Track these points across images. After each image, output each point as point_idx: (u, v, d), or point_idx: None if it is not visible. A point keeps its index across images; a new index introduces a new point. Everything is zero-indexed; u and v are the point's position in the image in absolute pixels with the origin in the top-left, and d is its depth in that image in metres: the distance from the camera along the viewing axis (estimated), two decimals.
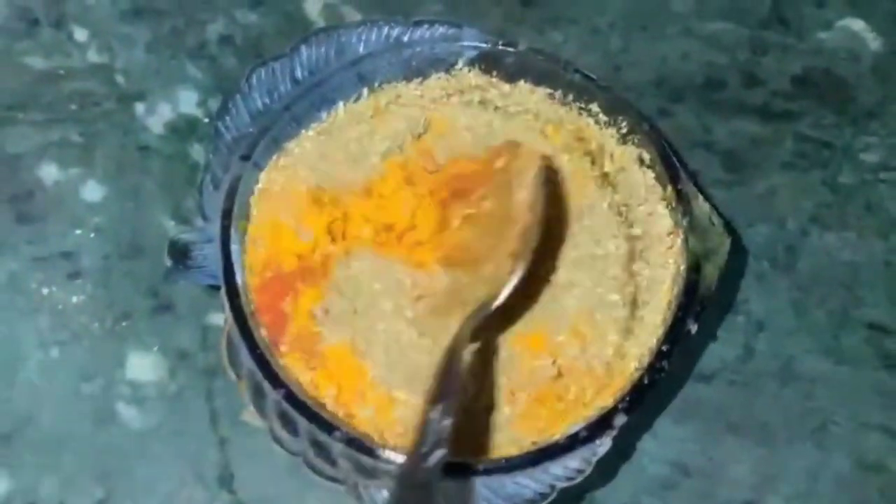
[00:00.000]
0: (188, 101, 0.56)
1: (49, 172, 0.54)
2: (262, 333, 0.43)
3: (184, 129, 0.55)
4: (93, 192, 0.54)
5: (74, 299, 0.51)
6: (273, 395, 0.41)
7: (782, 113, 0.57)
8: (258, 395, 0.41)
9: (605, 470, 0.47)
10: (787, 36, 0.60)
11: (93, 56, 0.57)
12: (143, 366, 0.49)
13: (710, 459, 0.48)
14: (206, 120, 0.56)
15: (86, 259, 0.52)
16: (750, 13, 0.60)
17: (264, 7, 0.59)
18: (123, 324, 0.50)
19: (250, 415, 0.42)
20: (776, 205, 0.55)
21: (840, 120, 0.57)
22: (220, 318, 0.50)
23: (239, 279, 0.44)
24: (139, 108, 0.56)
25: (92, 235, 0.52)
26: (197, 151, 0.55)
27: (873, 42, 0.60)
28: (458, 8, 0.58)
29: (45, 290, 0.51)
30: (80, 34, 0.58)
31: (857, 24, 0.60)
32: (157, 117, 0.56)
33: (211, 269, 0.44)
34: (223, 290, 0.43)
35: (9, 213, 0.53)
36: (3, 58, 0.57)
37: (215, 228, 0.45)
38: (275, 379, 0.41)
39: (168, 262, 0.45)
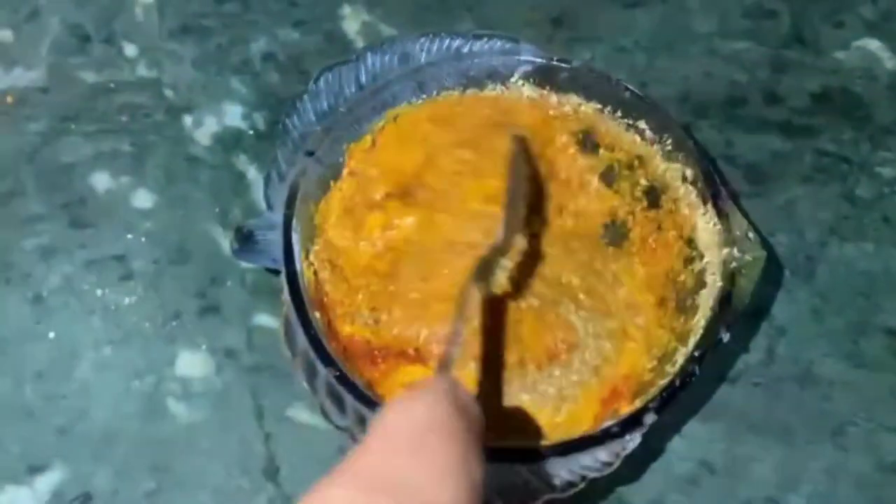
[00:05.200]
0: (233, 115, 0.59)
1: (101, 180, 0.57)
2: (317, 315, 0.46)
3: (229, 141, 0.58)
4: (143, 199, 0.56)
5: (126, 300, 0.53)
6: (324, 373, 0.43)
7: (802, 129, 0.60)
8: (310, 373, 0.44)
9: (635, 466, 0.49)
10: (806, 55, 0.62)
11: (142, 71, 0.60)
12: (191, 363, 0.52)
13: (734, 458, 0.50)
14: (251, 132, 0.58)
15: (137, 262, 0.54)
16: (770, 33, 0.63)
17: (305, 26, 0.62)
18: (173, 324, 0.53)
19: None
20: (796, 216, 0.57)
21: (857, 136, 0.59)
22: (265, 319, 0.52)
23: (297, 264, 0.46)
24: (187, 120, 0.58)
25: (143, 240, 0.55)
26: (242, 162, 0.57)
27: (889, 61, 0.62)
28: (490, 26, 0.60)
29: (98, 292, 0.54)
30: (130, 50, 0.61)
31: (874, 44, 0.62)
32: (204, 129, 0.58)
33: (273, 253, 0.47)
34: (283, 274, 0.46)
35: (63, 218, 0.56)
36: (58, 72, 0.60)
37: (279, 216, 0.47)
38: (327, 358, 0.44)
39: (234, 245, 0.48)
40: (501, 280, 0.49)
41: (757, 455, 0.50)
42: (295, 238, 0.47)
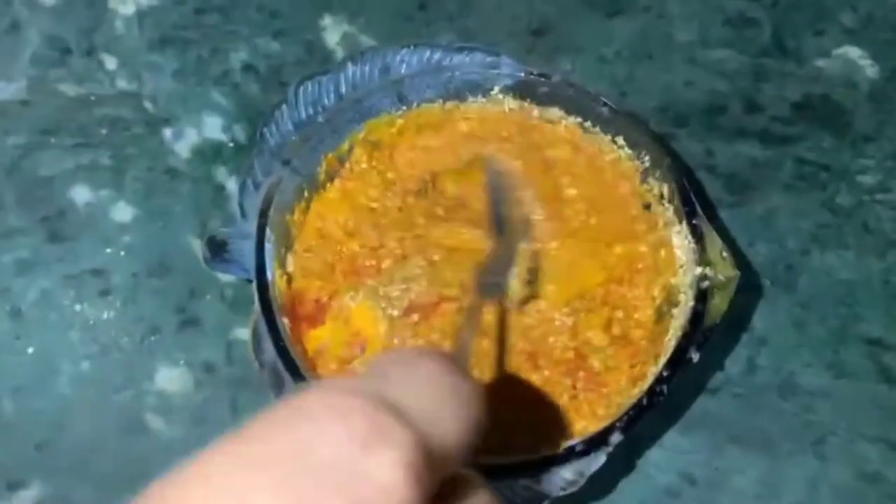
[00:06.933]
0: (213, 127, 0.59)
1: (80, 194, 0.57)
2: (287, 326, 0.45)
3: (209, 153, 0.58)
4: (122, 212, 0.56)
5: (105, 315, 0.53)
6: (292, 385, 0.43)
7: (782, 137, 0.60)
8: (278, 384, 0.44)
9: (615, 479, 0.49)
10: (786, 63, 0.62)
11: (122, 83, 0.60)
12: (170, 378, 0.52)
13: (715, 469, 0.50)
14: (231, 144, 0.58)
15: (116, 277, 0.54)
16: (751, 42, 0.63)
17: (285, 37, 0.62)
18: (152, 338, 0.53)
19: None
20: (777, 225, 0.57)
21: (838, 144, 0.59)
22: (244, 332, 0.52)
23: (269, 274, 0.46)
24: (167, 133, 0.58)
25: (122, 254, 0.55)
26: (222, 174, 0.57)
27: (870, 69, 0.62)
28: (471, 37, 0.61)
29: (77, 307, 0.53)
30: (110, 62, 0.61)
31: (854, 52, 0.63)
32: (183, 142, 0.58)
33: (245, 263, 0.47)
34: (254, 283, 0.46)
35: (42, 232, 0.55)
36: (37, 85, 0.60)
37: (252, 226, 0.47)
38: (295, 370, 0.44)
39: (206, 254, 0.48)
40: (516, 288, 0.48)
41: (738, 466, 0.50)
42: (268, 247, 0.47)
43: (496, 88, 0.53)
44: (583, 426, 0.46)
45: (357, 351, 0.48)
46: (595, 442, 0.43)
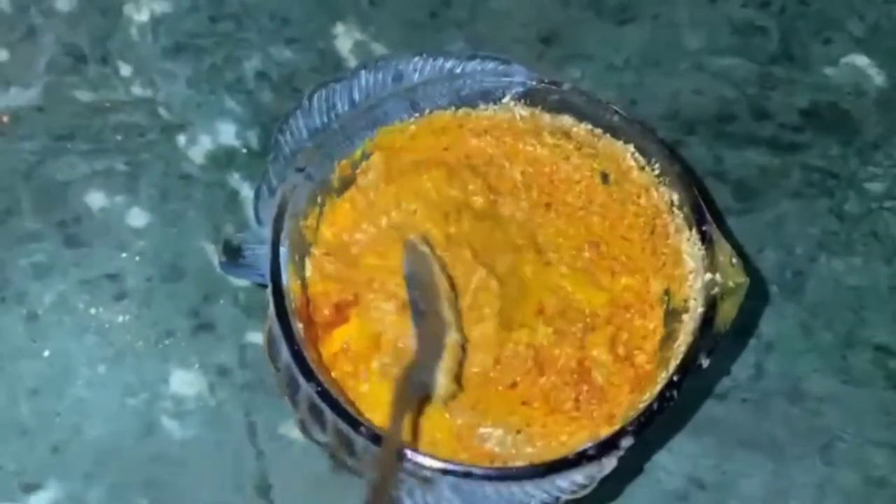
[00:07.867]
0: (227, 133, 0.59)
1: (96, 199, 0.57)
2: (301, 330, 0.46)
3: (223, 159, 0.58)
4: (137, 218, 0.57)
5: (120, 319, 0.54)
6: (305, 388, 0.44)
7: (790, 144, 0.60)
8: (292, 387, 0.44)
9: (624, 483, 0.49)
10: (794, 71, 0.63)
11: (137, 90, 0.61)
12: (184, 381, 0.52)
13: (723, 474, 0.51)
14: (244, 150, 0.59)
15: (130, 281, 0.55)
16: (759, 49, 0.63)
17: (298, 44, 0.62)
18: (166, 342, 0.53)
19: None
20: (785, 232, 0.57)
21: (846, 151, 0.60)
22: (258, 336, 0.52)
23: (284, 279, 0.47)
24: (181, 139, 0.59)
25: (136, 259, 0.55)
26: (236, 180, 0.58)
27: (877, 77, 0.63)
28: (480, 45, 0.61)
29: (92, 311, 0.54)
30: (125, 69, 0.61)
31: (862, 61, 0.63)
32: (198, 148, 0.59)
33: (260, 267, 0.48)
34: (269, 288, 0.46)
35: (58, 237, 0.56)
36: (53, 91, 0.61)
37: (267, 231, 0.48)
38: (308, 373, 0.44)
39: (222, 259, 0.48)
40: (443, 384, 0.46)
41: (746, 471, 0.51)
42: (282, 252, 0.48)
43: (507, 96, 0.54)
44: (585, 436, 0.46)
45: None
46: (606, 446, 0.43)
